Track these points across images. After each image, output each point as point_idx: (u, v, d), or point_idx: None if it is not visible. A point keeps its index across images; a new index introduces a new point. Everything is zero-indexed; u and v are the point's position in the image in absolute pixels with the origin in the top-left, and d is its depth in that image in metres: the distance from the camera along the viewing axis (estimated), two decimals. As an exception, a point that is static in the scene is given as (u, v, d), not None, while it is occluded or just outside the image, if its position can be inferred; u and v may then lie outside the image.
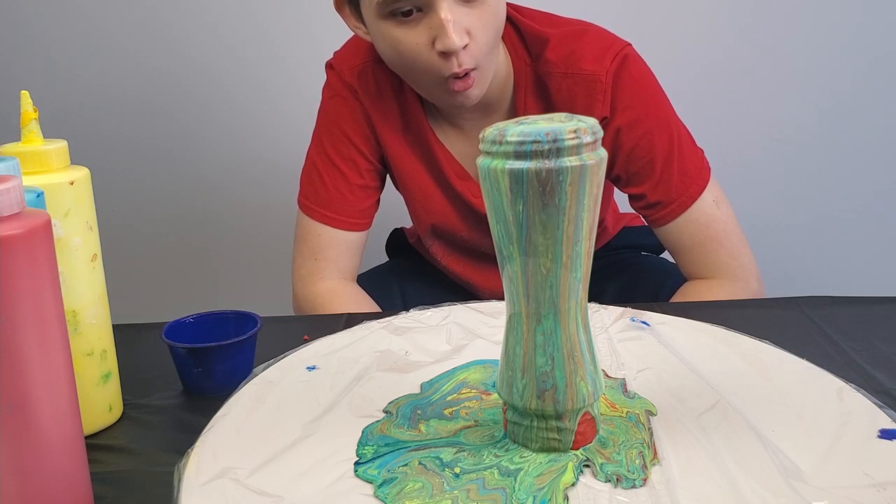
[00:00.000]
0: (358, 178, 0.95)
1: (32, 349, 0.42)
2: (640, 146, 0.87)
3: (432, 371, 0.58)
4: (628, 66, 0.87)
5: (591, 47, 0.87)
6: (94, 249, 0.57)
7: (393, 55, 0.83)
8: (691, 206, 0.88)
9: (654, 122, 0.88)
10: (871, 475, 0.43)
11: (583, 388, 0.45)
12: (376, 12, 0.79)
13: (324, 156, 0.95)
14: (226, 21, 1.46)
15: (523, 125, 0.41)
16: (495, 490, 0.42)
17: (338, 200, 0.94)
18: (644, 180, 0.88)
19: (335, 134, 0.94)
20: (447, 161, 0.94)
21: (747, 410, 0.50)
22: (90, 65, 1.49)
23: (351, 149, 0.94)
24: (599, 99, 0.86)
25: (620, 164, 0.89)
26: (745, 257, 0.90)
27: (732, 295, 0.87)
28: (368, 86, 0.93)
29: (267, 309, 0.78)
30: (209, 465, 0.46)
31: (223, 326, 0.68)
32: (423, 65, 0.80)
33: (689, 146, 0.90)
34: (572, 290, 0.43)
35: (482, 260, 1.02)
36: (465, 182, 0.95)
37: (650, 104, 0.88)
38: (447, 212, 0.97)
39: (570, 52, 0.87)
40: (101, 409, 0.59)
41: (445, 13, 0.76)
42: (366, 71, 0.93)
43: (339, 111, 0.94)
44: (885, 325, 0.72)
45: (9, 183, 0.41)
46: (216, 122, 1.52)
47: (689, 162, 0.88)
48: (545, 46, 0.88)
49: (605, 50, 0.87)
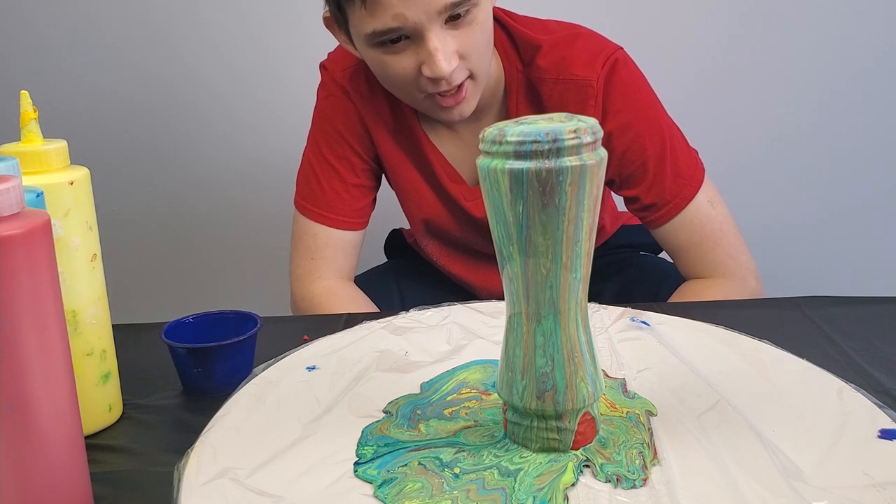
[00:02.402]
0: (353, 177, 0.95)
1: (32, 349, 0.42)
2: (632, 149, 0.88)
3: (432, 371, 0.58)
4: (618, 71, 0.87)
5: (581, 53, 0.87)
6: (93, 249, 0.57)
7: (382, 76, 0.84)
8: (686, 207, 0.88)
9: (645, 125, 0.88)
10: (871, 475, 0.43)
11: (583, 388, 0.45)
12: (364, 42, 0.80)
13: (319, 155, 0.95)
14: (226, 21, 1.46)
15: (523, 125, 0.41)
16: (495, 490, 0.42)
17: (334, 200, 0.94)
18: (637, 183, 0.89)
19: (330, 134, 0.95)
20: (440, 164, 0.95)
21: (747, 410, 0.50)
22: (90, 65, 1.49)
23: (346, 148, 0.94)
24: (591, 104, 0.86)
25: (613, 167, 0.89)
26: (743, 256, 0.90)
27: (730, 294, 0.87)
28: (360, 87, 0.94)
29: (267, 309, 0.78)
30: (209, 465, 0.46)
31: (223, 326, 0.68)
32: (412, 85, 0.81)
33: (682, 147, 0.90)
34: (572, 291, 0.43)
35: (478, 259, 1.02)
36: (457, 185, 0.95)
37: (640, 107, 0.89)
38: (439, 212, 0.98)
39: (561, 58, 0.87)
40: (101, 409, 0.59)
41: (433, 42, 0.76)
42: (357, 73, 0.93)
43: (334, 111, 0.95)
44: (885, 325, 0.72)
45: (9, 183, 0.41)
46: (216, 122, 1.52)
47: (682, 163, 0.89)
48: (537, 53, 0.88)
49: (596, 55, 0.87)
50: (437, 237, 1.02)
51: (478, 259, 1.02)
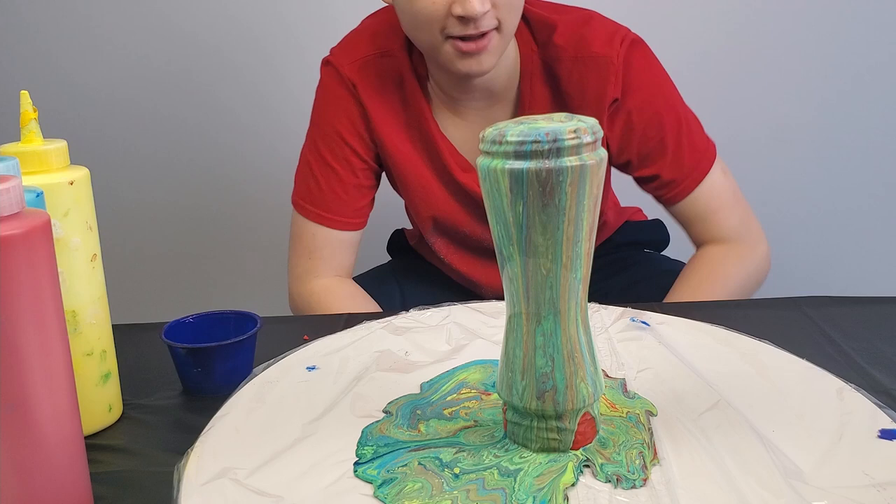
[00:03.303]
0: (352, 177, 0.95)
1: (32, 349, 0.42)
2: (652, 125, 0.90)
3: (432, 371, 0.58)
4: (637, 50, 0.89)
5: (599, 31, 0.89)
6: (93, 249, 0.57)
7: (409, 12, 0.82)
8: (704, 180, 0.91)
9: (662, 102, 0.90)
10: (871, 475, 0.43)
11: (583, 388, 0.45)
12: None
13: (317, 155, 0.95)
14: (226, 22, 1.46)
15: (523, 125, 0.41)
16: (495, 490, 0.42)
17: (332, 200, 0.94)
18: (656, 160, 0.91)
19: (329, 133, 0.94)
20: (450, 153, 0.94)
21: (747, 410, 0.50)
22: (90, 65, 1.49)
23: (345, 148, 0.94)
24: (612, 81, 0.87)
25: (634, 145, 0.91)
26: (753, 222, 0.94)
27: (744, 257, 0.91)
28: (370, 79, 0.93)
29: (267, 309, 0.78)
30: (209, 465, 0.46)
31: (223, 326, 0.68)
32: (437, 25, 0.81)
33: (695, 122, 0.93)
34: (572, 291, 0.43)
35: (485, 256, 1.01)
36: (469, 174, 0.95)
37: (658, 84, 0.91)
38: (449, 206, 0.97)
39: (580, 36, 0.88)
40: (101, 409, 0.59)
41: None
42: (367, 64, 0.93)
43: (333, 111, 0.94)
44: (885, 325, 0.72)
45: (8, 183, 0.41)
46: (217, 122, 1.52)
47: (697, 137, 0.92)
48: (553, 32, 0.89)
49: (613, 33, 0.89)
50: (445, 234, 1.01)
51: (484, 256, 1.02)
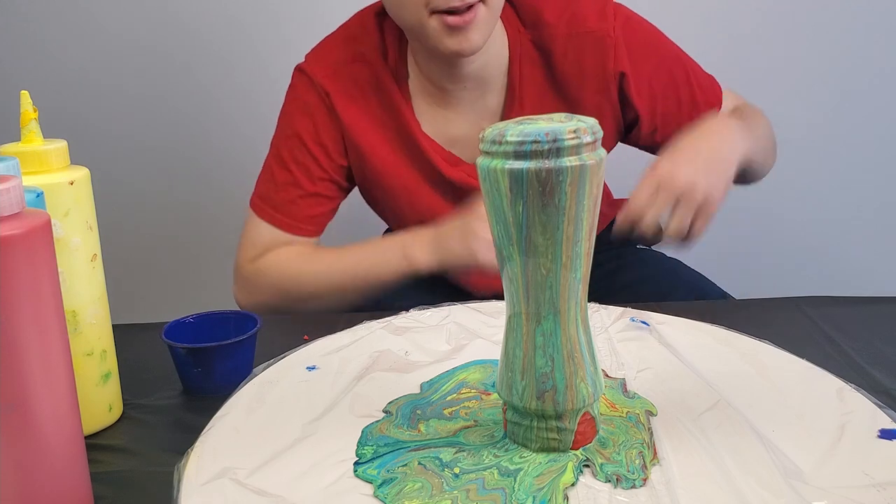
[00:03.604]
0: (310, 184, 0.94)
1: (32, 349, 0.42)
2: (670, 86, 0.91)
3: (432, 371, 0.58)
4: (630, 18, 0.90)
5: (588, 5, 0.88)
6: (93, 249, 0.57)
7: None
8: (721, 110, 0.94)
9: (669, 62, 0.92)
10: (871, 475, 0.43)
11: (583, 388, 0.45)
12: None
13: (278, 157, 0.94)
14: (225, 22, 1.46)
15: (523, 125, 0.41)
16: (495, 490, 0.42)
17: (287, 203, 0.94)
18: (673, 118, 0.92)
19: (290, 136, 0.94)
20: (435, 151, 0.93)
21: (747, 410, 0.50)
22: (90, 65, 1.48)
23: (306, 156, 0.93)
24: (611, 55, 0.87)
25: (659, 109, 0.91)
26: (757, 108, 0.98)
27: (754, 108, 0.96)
28: (345, 85, 0.92)
29: (267, 309, 0.78)
30: (209, 465, 0.46)
31: (223, 326, 0.68)
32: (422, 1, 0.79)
33: (691, 63, 0.94)
34: (572, 291, 0.43)
35: None
36: (456, 168, 0.94)
37: (658, 45, 0.92)
38: (438, 205, 0.96)
39: (571, 13, 0.88)
40: (101, 409, 0.59)
41: None
42: (341, 71, 0.92)
43: (300, 115, 0.94)
44: (885, 325, 0.72)
45: (9, 183, 0.41)
46: (217, 122, 1.52)
47: (701, 78, 0.94)
48: (542, 11, 0.88)
49: (604, 6, 0.89)
50: None
51: None
